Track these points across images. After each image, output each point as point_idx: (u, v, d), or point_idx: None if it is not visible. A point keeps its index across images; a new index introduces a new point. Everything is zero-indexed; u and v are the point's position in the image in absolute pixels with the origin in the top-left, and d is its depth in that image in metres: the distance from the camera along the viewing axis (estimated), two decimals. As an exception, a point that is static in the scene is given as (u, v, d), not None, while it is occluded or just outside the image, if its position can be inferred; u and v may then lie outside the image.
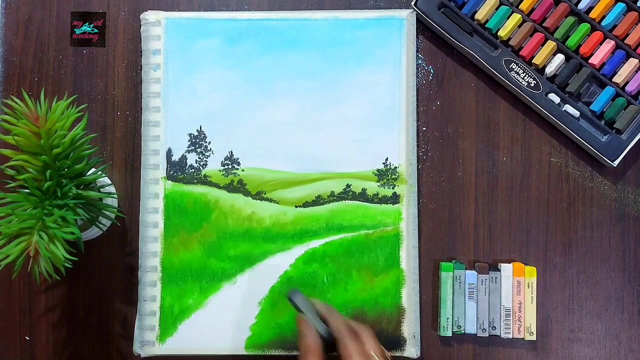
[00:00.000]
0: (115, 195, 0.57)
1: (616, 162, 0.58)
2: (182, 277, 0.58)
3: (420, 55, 0.61)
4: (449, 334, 0.58)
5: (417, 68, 0.61)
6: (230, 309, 0.58)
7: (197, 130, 0.59)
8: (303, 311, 0.49)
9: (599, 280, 0.60)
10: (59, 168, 0.49)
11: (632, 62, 0.58)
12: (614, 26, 0.59)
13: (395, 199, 0.59)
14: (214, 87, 0.60)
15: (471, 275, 0.58)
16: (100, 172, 0.54)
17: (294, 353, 0.58)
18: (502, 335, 0.58)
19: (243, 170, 0.59)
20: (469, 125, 0.61)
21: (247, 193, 0.59)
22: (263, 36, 0.60)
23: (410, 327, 0.58)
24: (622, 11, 0.58)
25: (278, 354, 0.58)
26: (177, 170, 0.59)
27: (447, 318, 0.58)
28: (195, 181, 0.59)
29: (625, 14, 0.59)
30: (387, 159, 0.59)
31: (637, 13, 0.58)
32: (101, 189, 0.57)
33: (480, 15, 0.59)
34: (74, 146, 0.49)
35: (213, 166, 0.59)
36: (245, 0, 0.62)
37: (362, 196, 0.59)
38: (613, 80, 0.58)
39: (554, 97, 0.58)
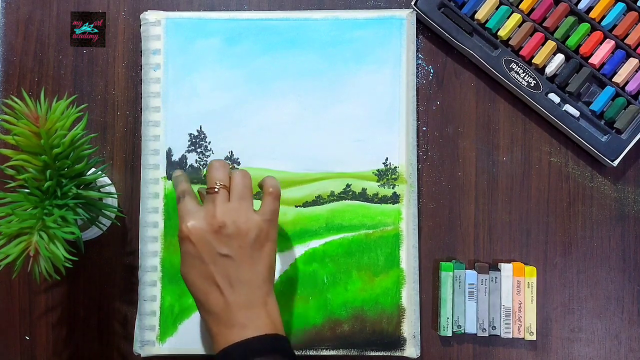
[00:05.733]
0: (115, 195, 0.57)
1: (616, 162, 0.58)
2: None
3: (420, 55, 0.61)
4: (449, 333, 0.58)
5: (417, 68, 0.61)
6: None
7: (197, 130, 0.59)
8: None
9: (599, 280, 0.60)
10: (59, 168, 0.49)
11: (632, 62, 0.58)
12: (614, 26, 0.59)
13: (395, 198, 0.59)
14: (214, 86, 0.60)
15: (471, 275, 0.58)
16: (100, 172, 0.54)
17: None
18: (502, 335, 0.58)
19: (243, 170, 0.59)
20: (469, 125, 0.61)
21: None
22: (263, 36, 0.60)
23: (410, 327, 0.58)
24: (622, 11, 0.58)
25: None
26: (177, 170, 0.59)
27: (447, 318, 0.58)
28: (196, 181, 0.59)
29: (625, 14, 0.59)
30: (387, 159, 0.59)
31: (637, 13, 0.58)
32: (101, 189, 0.57)
33: (480, 15, 0.59)
34: (74, 146, 0.49)
35: (213, 166, 0.59)
36: (245, 0, 0.62)
37: (362, 196, 0.59)
38: (613, 80, 0.58)
39: (554, 97, 0.58)
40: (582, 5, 0.59)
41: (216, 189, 0.49)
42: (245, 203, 0.49)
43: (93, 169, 0.56)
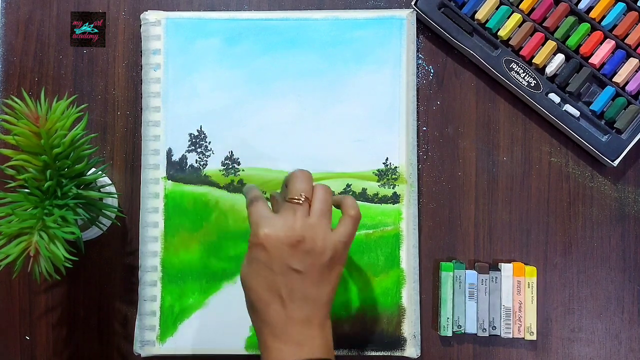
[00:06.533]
0: (115, 195, 0.57)
1: (616, 162, 0.58)
2: (182, 277, 0.58)
3: (420, 55, 0.61)
4: (449, 333, 0.58)
5: (417, 68, 0.61)
6: (231, 309, 0.58)
7: (197, 130, 0.59)
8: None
9: (599, 280, 0.60)
10: (59, 168, 0.49)
11: (632, 62, 0.58)
12: (614, 26, 0.59)
13: (395, 198, 0.59)
14: (214, 87, 0.60)
15: (471, 275, 0.58)
16: (100, 172, 0.54)
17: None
18: (503, 335, 0.58)
19: (243, 170, 0.59)
20: (469, 125, 0.61)
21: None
22: (263, 36, 0.60)
23: (410, 327, 0.58)
24: (622, 11, 0.58)
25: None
26: (177, 170, 0.59)
27: (448, 318, 0.58)
28: (196, 181, 0.59)
29: (625, 14, 0.59)
30: (387, 159, 0.59)
31: (637, 13, 0.58)
32: (101, 189, 0.57)
33: (480, 15, 0.59)
34: (74, 146, 0.49)
35: (213, 166, 0.59)
36: (245, 0, 0.62)
37: (362, 196, 0.59)
38: (613, 80, 0.58)
39: (554, 97, 0.58)
40: (582, 5, 0.59)
41: (300, 201, 0.47)
42: (325, 221, 0.47)
43: (93, 169, 0.56)
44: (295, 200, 0.47)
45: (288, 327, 0.45)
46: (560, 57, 0.58)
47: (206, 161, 0.59)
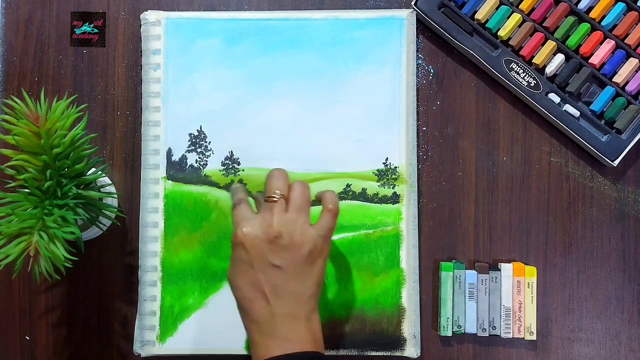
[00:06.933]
0: (115, 195, 0.57)
1: (616, 162, 0.58)
2: (182, 276, 0.58)
3: (420, 55, 0.61)
4: (449, 333, 0.58)
5: (417, 68, 0.61)
6: (231, 309, 0.58)
7: (197, 130, 0.59)
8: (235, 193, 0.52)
9: (599, 280, 0.60)
10: (59, 168, 0.49)
11: (632, 62, 0.58)
12: (614, 26, 0.59)
13: (395, 198, 0.59)
14: (214, 86, 0.60)
15: (471, 275, 0.58)
16: (100, 172, 0.54)
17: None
18: (502, 335, 0.58)
19: (243, 170, 0.59)
20: (469, 125, 0.61)
21: (247, 193, 0.59)
22: (263, 36, 0.60)
23: (410, 327, 0.58)
24: (622, 11, 0.58)
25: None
26: (177, 170, 0.59)
27: (447, 318, 0.58)
28: (196, 181, 0.59)
29: (625, 14, 0.59)
30: (387, 159, 0.59)
31: (637, 13, 0.58)
32: (101, 189, 0.57)
33: (480, 15, 0.59)
34: (74, 146, 0.50)
35: (213, 166, 0.59)
36: (245, 0, 0.62)
37: (362, 196, 0.59)
38: (613, 80, 0.58)
39: (554, 97, 0.58)
40: (582, 5, 0.59)
41: (275, 198, 0.48)
42: (303, 216, 0.48)
43: (93, 169, 0.56)
44: (272, 198, 0.48)
45: (273, 322, 0.46)
46: (560, 57, 0.58)
47: (206, 161, 0.59)
